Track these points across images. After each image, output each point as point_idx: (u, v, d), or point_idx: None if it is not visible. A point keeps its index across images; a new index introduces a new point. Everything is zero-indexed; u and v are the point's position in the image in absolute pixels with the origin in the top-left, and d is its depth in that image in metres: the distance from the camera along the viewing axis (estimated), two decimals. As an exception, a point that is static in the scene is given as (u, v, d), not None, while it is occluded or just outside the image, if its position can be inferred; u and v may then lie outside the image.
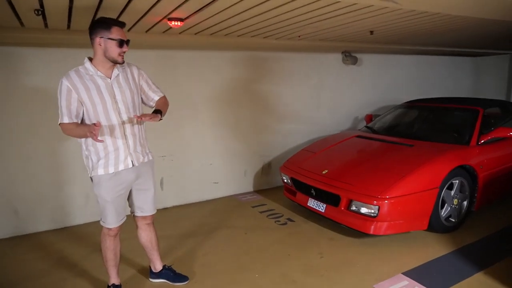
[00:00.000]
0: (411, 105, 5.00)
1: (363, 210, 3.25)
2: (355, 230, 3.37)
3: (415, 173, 3.28)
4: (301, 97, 5.34)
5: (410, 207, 3.25)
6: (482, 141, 3.81)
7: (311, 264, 3.07)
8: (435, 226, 3.42)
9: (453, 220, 3.57)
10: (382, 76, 6.20)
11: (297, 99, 5.30)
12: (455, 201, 3.53)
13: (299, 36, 3.97)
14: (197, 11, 2.57)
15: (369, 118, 5.23)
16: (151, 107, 2.61)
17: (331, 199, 3.52)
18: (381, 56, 6.09)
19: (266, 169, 5.14)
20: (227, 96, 4.73)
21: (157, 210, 4.31)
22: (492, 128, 4.00)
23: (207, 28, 3.29)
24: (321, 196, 3.67)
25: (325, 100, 5.59)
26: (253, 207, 4.45)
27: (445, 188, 3.41)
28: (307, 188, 3.84)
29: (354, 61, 5.45)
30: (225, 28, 3.32)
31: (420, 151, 3.70)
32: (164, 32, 3.41)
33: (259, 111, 5.00)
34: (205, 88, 4.56)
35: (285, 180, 4.27)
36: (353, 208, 3.33)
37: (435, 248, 3.26)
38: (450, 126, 4.37)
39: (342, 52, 5.49)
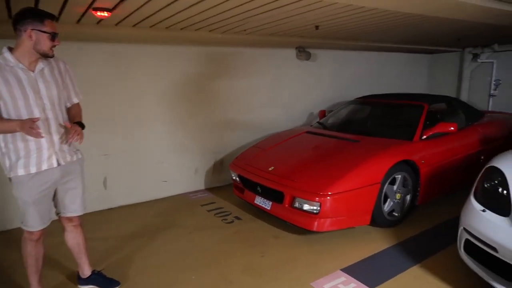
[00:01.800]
0: (362, 101, 5.04)
1: (306, 207, 3.22)
2: (300, 227, 3.33)
3: (357, 169, 3.28)
4: (256, 93, 5.26)
5: (352, 203, 3.24)
6: (425, 136, 3.87)
7: (251, 263, 3.01)
8: (378, 221, 3.44)
9: (396, 215, 3.61)
10: (339, 72, 6.23)
11: (251, 95, 5.22)
12: (398, 196, 3.56)
13: (245, 30, 3.87)
14: (121, 1, 2.42)
15: (323, 113, 5.23)
16: (66, 107, 2.39)
17: (276, 196, 3.47)
18: (338, 52, 6.11)
19: (218, 167, 5.04)
20: (180, 92, 4.58)
21: (102, 211, 4.25)
22: (435, 124, 4.09)
23: (143, 20, 3.13)
24: (266, 193, 3.62)
25: (280, 96, 5.55)
26: (202, 205, 4.34)
27: (387, 183, 3.43)
28: (253, 186, 3.78)
29: (308, 56, 5.43)
30: (162, 21, 3.18)
31: (364, 147, 3.72)
32: (98, 23, 3.22)
33: (213, 108, 4.88)
34: (156, 84, 4.39)
35: (234, 178, 4.19)
36: (296, 205, 3.29)
37: (377, 243, 3.28)
38: (396, 121, 4.43)
39: (296, 48, 5.45)
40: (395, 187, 3.53)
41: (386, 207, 3.50)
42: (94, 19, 3.01)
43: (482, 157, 4.48)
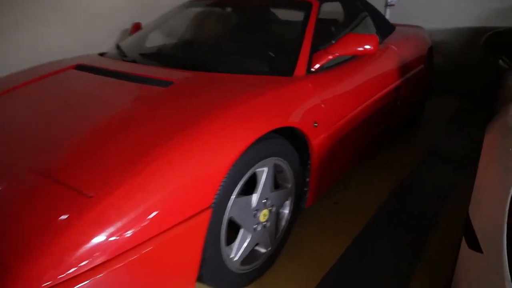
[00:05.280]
0: (203, 2, 2.69)
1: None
2: None
3: (145, 179, 1.06)
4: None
5: (144, 274, 1.07)
6: (317, 65, 1.82)
7: None
8: (217, 283, 1.39)
9: (264, 251, 1.61)
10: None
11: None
12: (265, 213, 1.52)
13: None
14: None
15: (136, 28, 2.79)
16: None
17: None
18: None
19: None
20: None
21: None
22: (333, 42, 2.04)
23: None
24: None
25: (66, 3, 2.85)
26: None
27: (234, 193, 1.33)
28: None
29: None
30: None
31: (177, 102, 1.48)
32: None
33: None
34: None
35: None
36: None
37: None
38: (258, 36, 2.26)
39: None
40: (255, 198, 1.46)
41: (236, 250, 1.44)
42: None
43: (399, 102, 2.72)
